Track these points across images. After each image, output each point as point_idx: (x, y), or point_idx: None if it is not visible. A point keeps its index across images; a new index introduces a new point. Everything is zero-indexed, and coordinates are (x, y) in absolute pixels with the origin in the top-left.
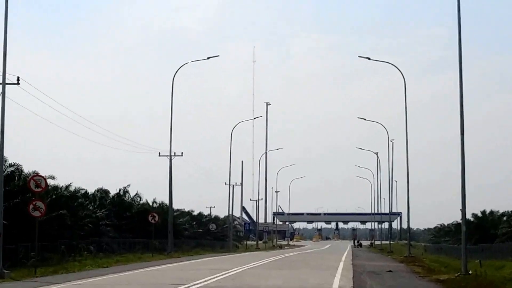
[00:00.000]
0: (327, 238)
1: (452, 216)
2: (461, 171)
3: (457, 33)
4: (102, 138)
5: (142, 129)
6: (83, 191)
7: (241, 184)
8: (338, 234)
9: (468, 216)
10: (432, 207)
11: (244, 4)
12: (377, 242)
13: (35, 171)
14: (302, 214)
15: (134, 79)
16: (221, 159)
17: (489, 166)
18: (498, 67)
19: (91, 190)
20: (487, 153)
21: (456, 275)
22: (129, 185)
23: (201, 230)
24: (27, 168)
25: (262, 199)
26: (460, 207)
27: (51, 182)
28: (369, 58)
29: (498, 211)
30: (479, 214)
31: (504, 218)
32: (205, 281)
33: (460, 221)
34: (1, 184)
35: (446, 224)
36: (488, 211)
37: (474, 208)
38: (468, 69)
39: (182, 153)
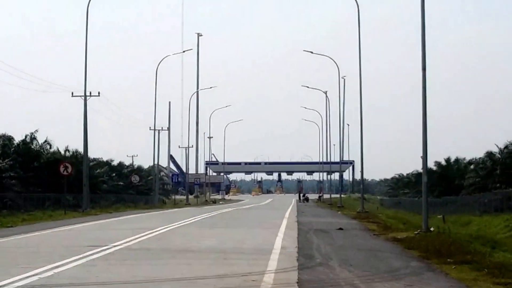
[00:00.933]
0: (269, 192)
1: (412, 165)
2: (422, 110)
3: None
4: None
5: (53, 66)
6: None
7: (168, 129)
8: (282, 186)
9: (430, 164)
10: (389, 156)
11: None
12: (326, 196)
13: None
14: (239, 163)
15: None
16: (145, 101)
17: (454, 108)
18: None
19: None
20: (450, 93)
21: (416, 232)
22: (37, 131)
23: (122, 183)
24: None
25: (192, 146)
26: (421, 154)
27: None
28: None
29: (464, 159)
30: (443, 162)
31: (472, 166)
32: (126, 242)
33: (421, 171)
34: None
35: (405, 174)
36: (453, 159)
37: (438, 155)
38: None
39: (99, 93)
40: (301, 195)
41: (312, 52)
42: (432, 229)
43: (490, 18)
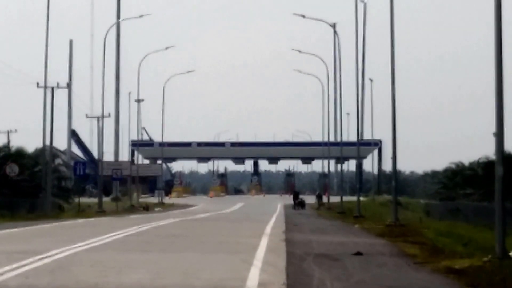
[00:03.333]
0: (238, 191)
1: (479, 150)
2: (495, 64)
3: None
4: None
5: None
6: None
7: (69, 86)
8: (259, 183)
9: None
10: (439, 134)
11: None
12: (334, 199)
13: None
14: (188, 144)
15: None
16: (28, 40)
17: None
18: None
19: None
20: None
21: (486, 259)
22: None
23: None
24: None
25: (109, 115)
26: (494, 131)
27: None
28: None
29: None
30: None
31: None
32: None
33: (494, 157)
34: None
35: (466, 163)
36: None
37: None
38: None
39: None
40: (296, 198)
41: None
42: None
43: None
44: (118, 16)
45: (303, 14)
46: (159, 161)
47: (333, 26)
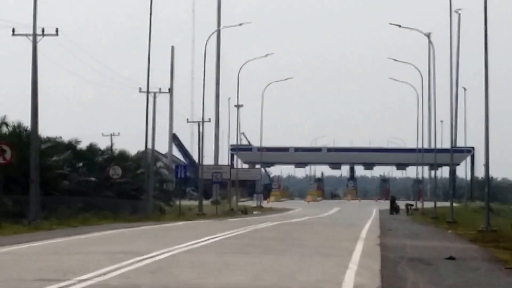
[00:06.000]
0: (334, 196)
1: None
2: None
3: None
4: None
5: None
6: None
7: (170, 91)
8: (355, 188)
9: None
10: None
11: None
12: (428, 204)
13: None
14: (286, 149)
15: None
16: (131, 48)
17: None
18: None
19: None
20: None
21: None
22: None
23: (93, 179)
24: None
25: (210, 120)
26: None
27: None
28: None
29: None
30: None
31: None
32: (100, 274)
33: None
34: None
35: None
36: None
37: None
38: None
39: (57, 32)
40: (393, 203)
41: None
42: None
43: None
44: (219, 24)
45: (399, 23)
46: (257, 166)
47: (428, 35)
